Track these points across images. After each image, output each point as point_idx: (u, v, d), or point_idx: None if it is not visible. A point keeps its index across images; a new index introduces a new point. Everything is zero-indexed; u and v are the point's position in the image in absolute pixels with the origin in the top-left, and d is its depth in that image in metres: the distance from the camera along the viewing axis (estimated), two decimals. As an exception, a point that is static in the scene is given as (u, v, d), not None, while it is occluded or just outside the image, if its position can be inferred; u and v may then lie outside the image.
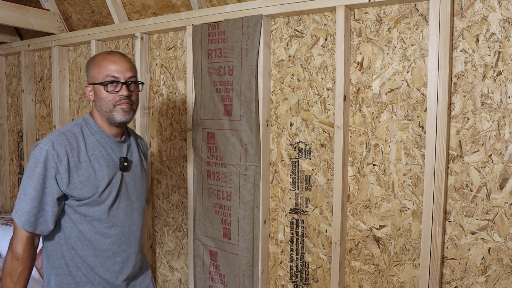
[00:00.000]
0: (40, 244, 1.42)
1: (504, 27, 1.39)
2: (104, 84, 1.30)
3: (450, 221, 1.52)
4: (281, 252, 1.93)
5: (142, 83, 1.41)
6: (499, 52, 1.41)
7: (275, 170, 1.92)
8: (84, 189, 1.29)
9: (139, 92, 1.41)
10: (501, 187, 1.43)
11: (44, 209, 1.26)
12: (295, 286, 1.90)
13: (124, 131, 1.45)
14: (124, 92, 1.31)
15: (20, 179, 3.30)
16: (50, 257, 1.36)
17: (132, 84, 1.34)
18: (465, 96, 1.47)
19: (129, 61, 1.36)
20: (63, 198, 1.29)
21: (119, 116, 1.32)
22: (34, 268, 2.38)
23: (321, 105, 1.78)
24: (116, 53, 1.37)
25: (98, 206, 1.33)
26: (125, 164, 1.39)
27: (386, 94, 1.63)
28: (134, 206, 1.44)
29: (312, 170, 1.82)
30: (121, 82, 1.31)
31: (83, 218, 1.32)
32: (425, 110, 1.52)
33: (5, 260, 1.25)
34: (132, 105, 1.35)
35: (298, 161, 1.85)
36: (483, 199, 1.46)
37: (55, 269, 1.35)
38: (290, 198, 1.89)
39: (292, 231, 1.89)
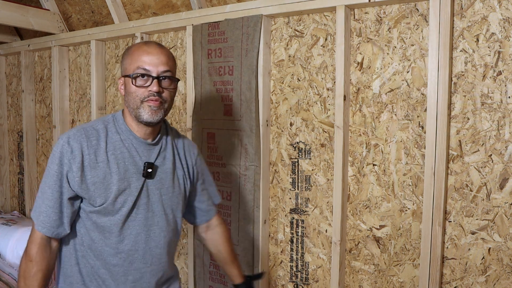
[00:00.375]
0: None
1: (504, 27, 1.39)
2: (133, 76, 1.16)
3: (450, 221, 1.52)
4: (281, 252, 1.93)
5: (178, 80, 1.24)
6: (499, 52, 1.41)
7: (275, 170, 1.92)
8: (96, 191, 1.16)
9: (175, 91, 1.24)
10: (501, 187, 1.43)
11: (61, 210, 1.16)
12: (295, 286, 1.90)
13: (159, 132, 1.27)
14: (154, 87, 1.15)
15: (20, 179, 3.30)
16: (64, 265, 1.24)
17: (166, 80, 1.19)
18: (465, 96, 1.47)
19: (166, 54, 1.20)
20: (77, 199, 1.18)
21: (145, 115, 1.17)
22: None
23: (321, 105, 1.78)
24: (153, 43, 1.21)
25: (111, 216, 1.18)
26: (149, 170, 1.21)
27: (386, 94, 1.63)
28: (156, 220, 1.24)
29: (312, 170, 1.82)
30: (152, 76, 1.16)
31: (95, 225, 1.19)
32: (425, 110, 1.52)
33: (20, 260, 1.19)
34: (163, 104, 1.18)
35: (298, 161, 1.85)
36: (483, 199, 1.46)
37: (68, 278, 1.23)
38: (290, 198, 1.89)
39: (292, 231, 1.89)
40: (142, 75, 1.16)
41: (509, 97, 1.40)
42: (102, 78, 2.60)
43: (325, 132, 1.78)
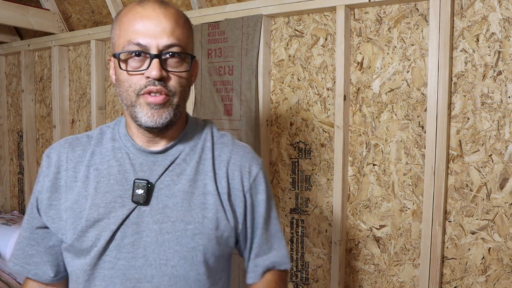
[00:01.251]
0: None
1: (504, 27, 1.39)
2: (121, 58, 0.79)
3: (450, 221, 1.52)
4: (281, 252, 1.93)
5: (193, 57, 0.83)
6: (499, 52, 1.41)
7: (275, 170, 1.92)
8: (67, 221, 0.82)
9: (190, 76, 0.84)
10: (501, 187, 1.43)
11: (37, 242, 0.86)
12: (295, 286, 1.90)
13: (179, 136, 0.88)
14: (153, 71, 0.76)
15: (20, 179, 3.30)
16: None
17: (174, 58, 0.79)
18: (465, 96, 1.47)
19: (172, 17, 0.80)
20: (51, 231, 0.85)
21: (143, 116, 0.79)
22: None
23: (321, 105, 1.78)
24: (151, 2, 0.80)
25: (83, 257, 0.81)
26: (139, 192, 0.80)
27: (386, 94, 1.63)
28: (148, 273, 0.79)
29: (312, 170, 1.82)
30: (151, 55, 0.77)
31: (69, 268, 0.86)
32: (425, 110, 1.52)
33: None
34: (170, 98, 0.79)
35: (298, 161, 1.85)
36: (483, 199, 1.46)
37: None
38: (290, 198, 1.89)
39: (292, 231, 1.89)
40: (137, 54, 0.78)
41: (509, 97, 1.40)
42: (102, 78, 2.60)
43: (325, 132, 1.78)
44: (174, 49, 0.79)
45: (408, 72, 1.58)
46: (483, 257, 1.46)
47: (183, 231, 0.81)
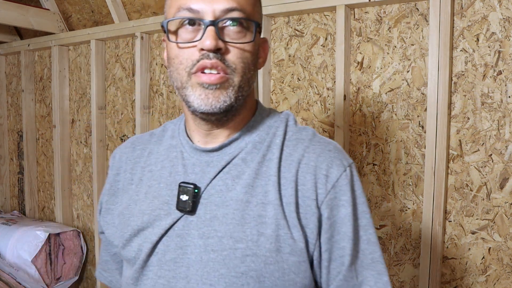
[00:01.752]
0: (36, 246, 0.97)
1: (504, 27, 1.39)
2: (171, 29, 0.67)
3: (450, 221, 1.52)
4: (281, 251, 1.93)
5: (259, 25, 0.69)
6: (499, 52, 1.41)
7: (275, 169, 1.92)
8: (118, 227, 0.75)
9: (255, 48, 0.70)
10: (501, 186, 1.43)
11: (109, 248, 0.84)
12: (295, 285, 1.90)
13: (242, 130, 0.73)
14: (207, 41, 0.63)
15: (20, 179, 3.30)
16: None
17: (234, 26, 0.66)
18: (465, 95, 1.47)
19: None
20: None
21: (196, 100, 0.66)
22: (34, 268, 2.38)
23: (321, 104, 1.78)
24: None
25: (130, 268, 0.73)
26: (184, 198, 0.67)
27: (386, 93, 1.63)
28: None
29: (312, 169, 1.81)
30: (204, 22, 0.64)
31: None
32: (425, 109, 1.52)
33: None
34: (230, 76, 0.66)
35: (298, 161, 1.85)
36: (483, 199, 1.46)
37: None
38: (290, 198, 1.88)
39: (292, 231, 1.89)
40: (188, 22, 0.65)
41: (509, 96, 1.40)
42: (102, 77, 2.60)
43: (325, 131, 1.77)
44: (235, 14, 0.64)
45: (408, 72, 1.57)
46: (483, 257, 1.46)
47: (232, 250, 0.64)
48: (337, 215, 0.68)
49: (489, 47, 1.42)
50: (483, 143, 1.45)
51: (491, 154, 1.44)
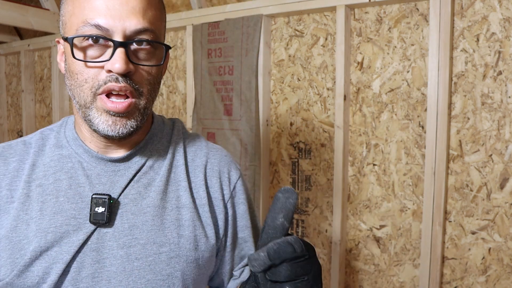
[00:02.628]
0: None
1: (504, 27, 1.39)
2: (74, 43, 0.62)
3: (450, 221, 1.52)
4: (281, 252, 1.93)
5: (168, 48, 0.68)
6: (499, 52, 1.41)
7: (275, 170, 1.92)
8: (2, 254, 0.63)
9: (162, 70, 0.70)
10: (502, 187, 1.43)
11: None
12: (295, 286, 1.90)
13: (144, 139, 0.73)
14: (117, 63, 0.59)
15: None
16: None
17: (145, 47, 0.63)
18: (465, 96, 1.47)
19: None
20: None
21: (101, 124, 0.63)
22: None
23: (321, 105, 1.78)
24: None
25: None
26: (99, 210, 0.64)
27: (386, 93, 1.63)
28: None
29: (312, 170, 1.82)
30: (115, 42, 0.60)
31: None
32: (425, 109, 1.52)
33: None
34: (137, 101, 0.64)
35: (298, 161, 1.85)
36: (483, 199, 1.46)
37: None
38: (290, 198, 1.88)
39: (292, 231, 1.89)
40: (95, 39, 0.60)
41: (510, 97, 1.40)
42: (102, 78, 2.60)
43: (325, 132, 1.77)
44: (145, 36, 0.61)
45: (408, 72, 1.57)
46: (483, 257, 1.46)
47: (156, 255, 0.66)
48: (237, 211, 0.79)
49: (489, 47, 1.42)
50: (483, 143, 1.45)
51: (491, 154, 1.44)
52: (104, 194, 0.65)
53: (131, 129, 0.64)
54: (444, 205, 1.49)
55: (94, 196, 0.64)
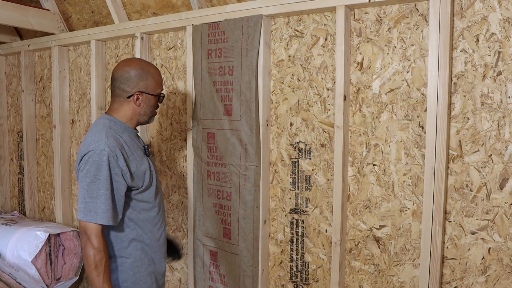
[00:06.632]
0: (36, 247, 1.58)
1: (504, 27, 1.39)
2: (159, 98, 1.57)
3: (450, 221, 1.52)
4: (281, 252, 1.93)
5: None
6: (499, 52, 1.41)
7: (275, 170, 1.92)
8: (138, 177, 1.46)
9: None
10: (501, 187, 1.43)
11: (116, 203, 1.42)
12: (295, 286, 1.90)
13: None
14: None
15: (20, 179, 3.30)
16: (114, 246, 1.50)
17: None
18: (465, 96, 1.47)
19: None
20: (127, 190, 1.45)
21: (151, 120, 1.60)
22: (34, 268, 2.38)
23: (321, 105, 1.78)
24: (158, 69, 1.59)
25: (148, 190, 1.52)
26: (149, 150, 1.60)
27: (386, 94, 1.63)
28: (159, 186, 1.61)
29: (312, 170, 1.82)
30: (163, 95, 1.60)
31: (137, 203, 1.50)
32: (425, 110, 1.52)
33: (88, 257, 1.37)
34: None
35: (298, 161, 1.85)
36: (483, 199, 1.46)
37: (125, 258, 1.51)
38: (290, 198, 1.89)
39: (292, 231, 1.89)
40: (163, 97, 1.59)
41: (509, 97, 1.40)
42: (102, 78, 2.60)
43: (325, 132, 1.78)
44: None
45: (408, 72, 1.58)
46: (483, 257, 1.46)
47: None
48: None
49: (489, 47, 1.42)
50: (483, 144, 1.45)
51: (491, 155, 1.44)
52: (145, 144, 1.62)
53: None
54: (444, 205, 1.49)
55: (145, 145, 1.60)
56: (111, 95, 1.54)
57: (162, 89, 1.57)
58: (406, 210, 1.60)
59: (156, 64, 2.34)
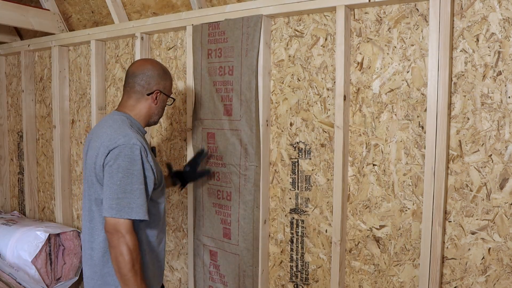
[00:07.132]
0: (36, 247, 1.56)
1: (504, 27, 1.39)
2: (172, 98, 1.60)
3: (450, 221, 1.52)
4: (281, 252, 1.93)
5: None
6: (499, 52, 1.41)
7: (275, 170, 1.92)
8: (158, 176, 1.47)
9: None
10: (501, 187, 1.43)
11: (148, 198, 1.41)
12: (295, 286, 1.90)
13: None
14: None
15: (20, 179, 3.30)
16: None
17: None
18: (465, 96, 1.47)
19: None
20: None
21: (157, 122, 1.61)
22: (34, 268, 2.38)
23: (321, 105, 1.78)
24: None
25: (160, 188, 1.50)
26: (154, 151, 1.64)
27: (386, 94, 1.63)
28: (165, 186, 1.62)
29: (312, 170, 1.82)
30: (173, 98, 1.64)
31: (152, 202, 1.48)
32: (425, 110, 1.52)
33: (123, 256, 1.30)
34: None
35: (298, 161, 1.85)
36: (483, 199, 1.46)
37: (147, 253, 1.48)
38: (290, 198, 1.89)
39: (292, 231, 1.89)
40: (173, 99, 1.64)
41: (509, 97, 1.40)
42: (102, 78, 2.60)
43: (325, 132, 1.78)
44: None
45: (408, 72, 1.58)
46: (483, 257, 1.46)
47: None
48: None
49: (489, 47, 1.42)
50: (483, 144, 1.45)
51: (491, 155, 1.44)
52: (153, 146, 2.03)
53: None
54: (444, 205, 1.49)
55: (152, 147, 1.74)
56: (127, 92, 1.50)
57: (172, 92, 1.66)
58: (406, 210, 1.60)
59: (156, 64, 2.34)
